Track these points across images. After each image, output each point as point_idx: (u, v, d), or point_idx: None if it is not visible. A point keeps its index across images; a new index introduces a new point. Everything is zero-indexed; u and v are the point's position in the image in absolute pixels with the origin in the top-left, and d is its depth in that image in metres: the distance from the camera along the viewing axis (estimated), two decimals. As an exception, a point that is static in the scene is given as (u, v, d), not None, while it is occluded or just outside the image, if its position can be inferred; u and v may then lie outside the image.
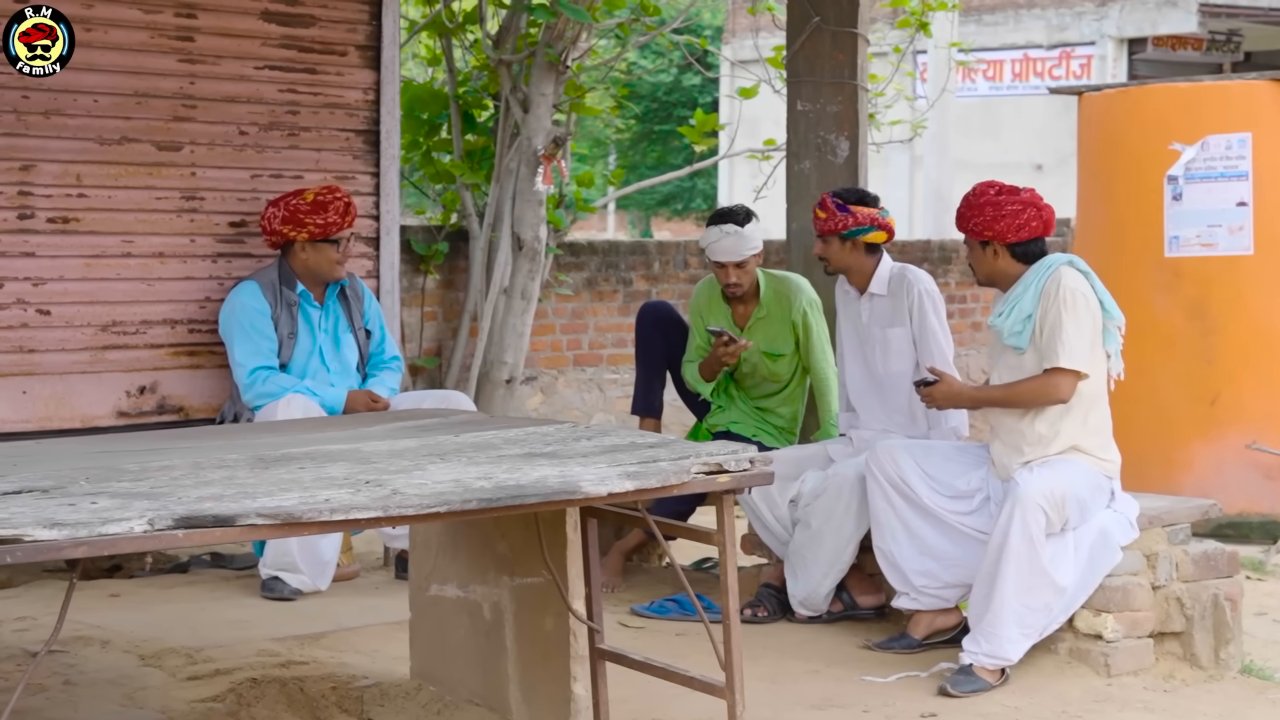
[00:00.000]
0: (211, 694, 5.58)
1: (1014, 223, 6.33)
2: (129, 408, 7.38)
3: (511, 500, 4.26)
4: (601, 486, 4.40)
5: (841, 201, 7.07)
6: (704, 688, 4.97)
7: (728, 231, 7.42)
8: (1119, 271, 10.29)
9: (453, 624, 5.61)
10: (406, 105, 10.63)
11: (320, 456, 4.77)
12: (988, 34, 24.54)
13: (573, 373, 11.47)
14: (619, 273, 11.61)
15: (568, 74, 10.31)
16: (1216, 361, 10.10)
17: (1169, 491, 9.55)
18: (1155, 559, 6.50)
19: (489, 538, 5.40)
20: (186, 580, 7.50)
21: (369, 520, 4.09)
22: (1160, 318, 10.13)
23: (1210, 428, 10.08)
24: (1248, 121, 10.12)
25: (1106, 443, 6.43)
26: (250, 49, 7.68)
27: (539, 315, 11.04)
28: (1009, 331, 6.32)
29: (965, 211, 6.44)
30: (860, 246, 7.08)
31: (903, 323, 7.12)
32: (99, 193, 7.31)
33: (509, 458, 4.75)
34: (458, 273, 10.59)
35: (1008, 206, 6.36)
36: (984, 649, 6.13)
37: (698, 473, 4.63)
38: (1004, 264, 6.40)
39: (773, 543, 7.17)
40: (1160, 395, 10.12)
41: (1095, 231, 10.66)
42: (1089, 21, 23.73)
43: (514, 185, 10.11)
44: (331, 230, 7.31)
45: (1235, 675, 6.52)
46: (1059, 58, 24.22)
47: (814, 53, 8.17)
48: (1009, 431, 6.36)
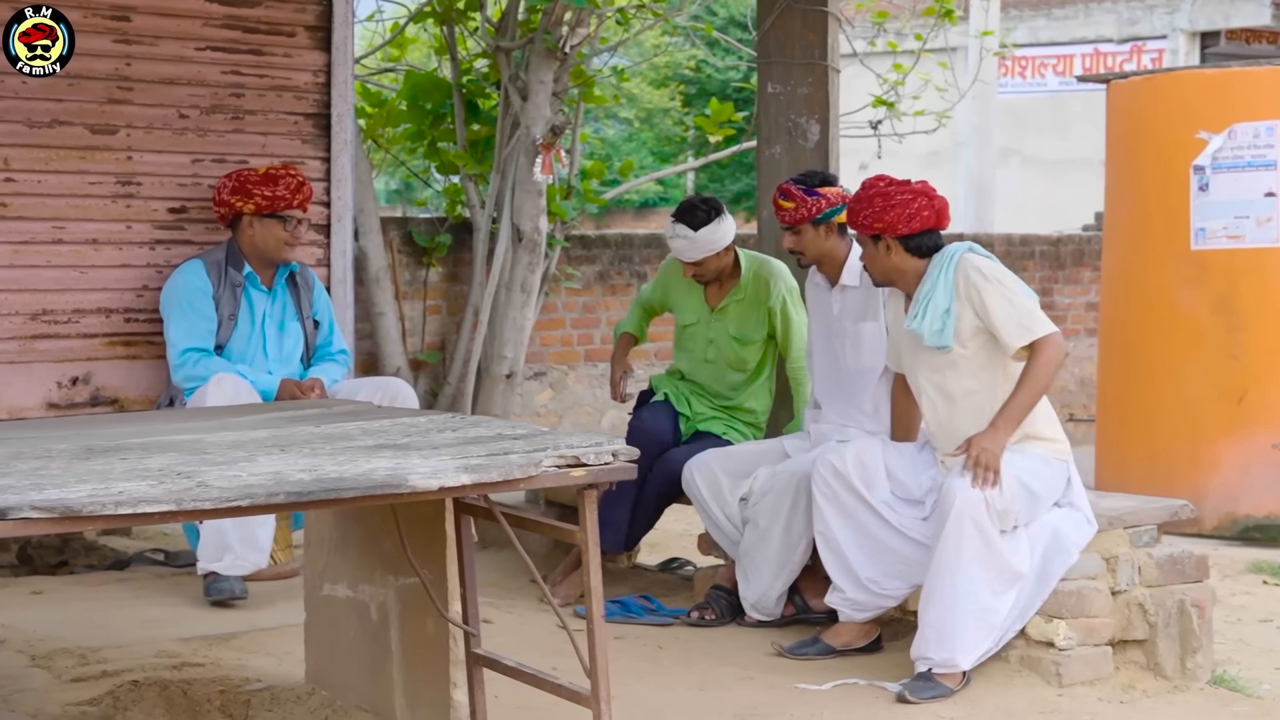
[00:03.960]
0: (89, 697, 5.36)
1: (904, 213, 6.00)
2: (60, 399, 7.17)
3: (326, 494, 4.00)
4: (433, 480, 4.14)
5: (808, 186, 6.76)
6: (571, 696, 4.68)
7: (679, 234, 7.10)
8: (1145, 265, 10.02)
9: (343, 625, 5.37)
10: (410, 94, 10.46)
11: (154, 447, 4.53)
12: (1057, 28, 24.15)
13: (583, 368, 11.22)
14: (632, 266, 11.34)
15: (570, 62, 10.06)
16: (1244, 358, 9.79)
17: (1194, 492, 9.27)
18: (1115, 562, 6.16)
19: (376, 535, 5.15)
20: (119, 578, 7.29)
21: (162, 515, 3.83)
22: (1186, 313, 9.86)
23: (1237, 426, 9.77)
24: (1276, 109, 9.82)
25: (1055, 424, 6.08)
26: (191, 29, 7.45)
27: (548, 309, 10.82)
28: (929, 332, 5.95)
29: (854, 206, 6.13)
30: (834, 229, 6.77)
31: (875, 317, 6.79)
32: (27, 177, 7.11)
33: (353, 449, 4.50)
34: (462, 265, 10.39)
35: (897, 197, 6.03)
36: (938, 654, 5.80)
37: (551, 466, 4.35)
38: (897, 259, 6.06)
39: (724, 543, 6.88)
40: (1186, 392, 9.85)
41: (1122, 224, 10.37)
42: (1160, 15, 23.25)
43: (514, 175, 9.89)
44: (279, 205, 7.08)
45: (1203, 686, 6.17)
46: (1130, 52, 23.74)
47: (784, 33, 7.86)
48: (953, 437, 5.98)
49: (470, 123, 10.30)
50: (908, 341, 6.10)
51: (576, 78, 10.29)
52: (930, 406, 6.08)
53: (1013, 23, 23.95)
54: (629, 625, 6.73)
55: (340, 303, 7.76)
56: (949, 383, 6.00)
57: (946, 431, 6.03)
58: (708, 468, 6.85)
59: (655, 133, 28.88)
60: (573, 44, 10.00)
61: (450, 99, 10.33)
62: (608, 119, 27.87)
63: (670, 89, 27.97)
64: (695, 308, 7.35)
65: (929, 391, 6.07)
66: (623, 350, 7.67)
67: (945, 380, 6.00)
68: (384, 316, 9.86)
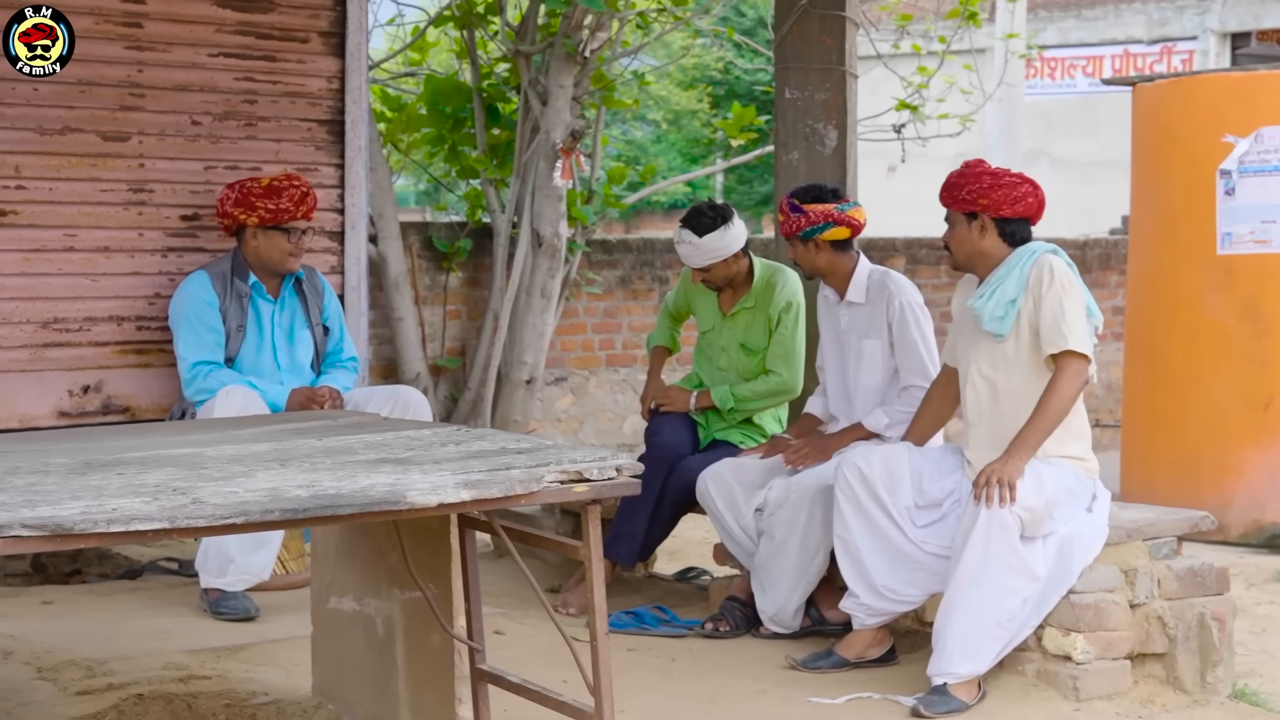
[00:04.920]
0: (94, 710, 5.30)
1: (1010, 195, 5.96)
2: (71, 408, 7.13)
3: (322, 511, 3.94)
4: (432, 496, 4.06)
5: (796, 202, 6.74)
6: (575, 713, 4.61)
7: (684, 239, 7.04)
8: (1170, 270, 9.94)
9: (349, 639, 5.30)
10: (430, 98, 10.41)
11: (152, 461, 4.47)
12: (1087, 29, 24.02)
13: (605, 373, 11.16)
14: (654, 270, 11.27)
15: (591, 66, 10.00)
16: (1270, 364, 9.71)
17: (1221, 499, 9.20)
18: (1134, 574, 6.07)
19: (382, 548, 5.09)
20: (131, 588, 7.24)
21: (155, 532, 3.77)
22: (1212, 318, 9.77)
23: (1264, 434, 9.68)
24: (1304, 112, 9.67)
25: (1087, 448, 6.02)
26: (203, 35, 7.40)
27: (569, 314, 10.76)
28: (990, 316, 5.90)
29: (958, 181, 6.04)
30: (825, 246, 6.74)
31: (879, 334, 6.74)
32: (39, 184, 7.05)
33: (354, 464, 4.43)
34: (483, 270, 10.34)
35: (1005, 178, 6.01)
36: (949, 667, 5.72)
37: (552, 482, 4.28)
38: (989, 243, 5.99)
39: (739, 554, 6.80)
40: (1212, 399, 9.76)
41: (1148, 229, 10.29)
42: (1191, 16, 23.12)
43: (534, 180, 9.84)
44: (283, 217, 7.02)
45: (1223, 700, 6.07)
46: (1160, 53, 23.61)
47: (801, 38, 7.78)
48: (988, 436, 5.93)
49: (491, 127, 10.25)
50: (967, 323, 6.05)
51: (597, 82, 10.23)
52: (974, 396, 6.02)
53: (1042, 24, 23.83)
54: (642, 637, 6.66)
55: (354, 310, 7.70)
56: (998, 375, 5.95)
57: (985, 425, 5.97)
58: (722, 479, 6.78)
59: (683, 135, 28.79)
60: (593, 48, 9.95)
61: (471, 103, 10.28)
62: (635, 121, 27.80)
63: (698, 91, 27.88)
64: (710, 314, 7.29)
65: (975, 380, 6.01)
66: (658, 365, 7.56)
67: (994, 372, 5.96)
68: (403, 322, 9.81)
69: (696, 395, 7.18)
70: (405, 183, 26.69)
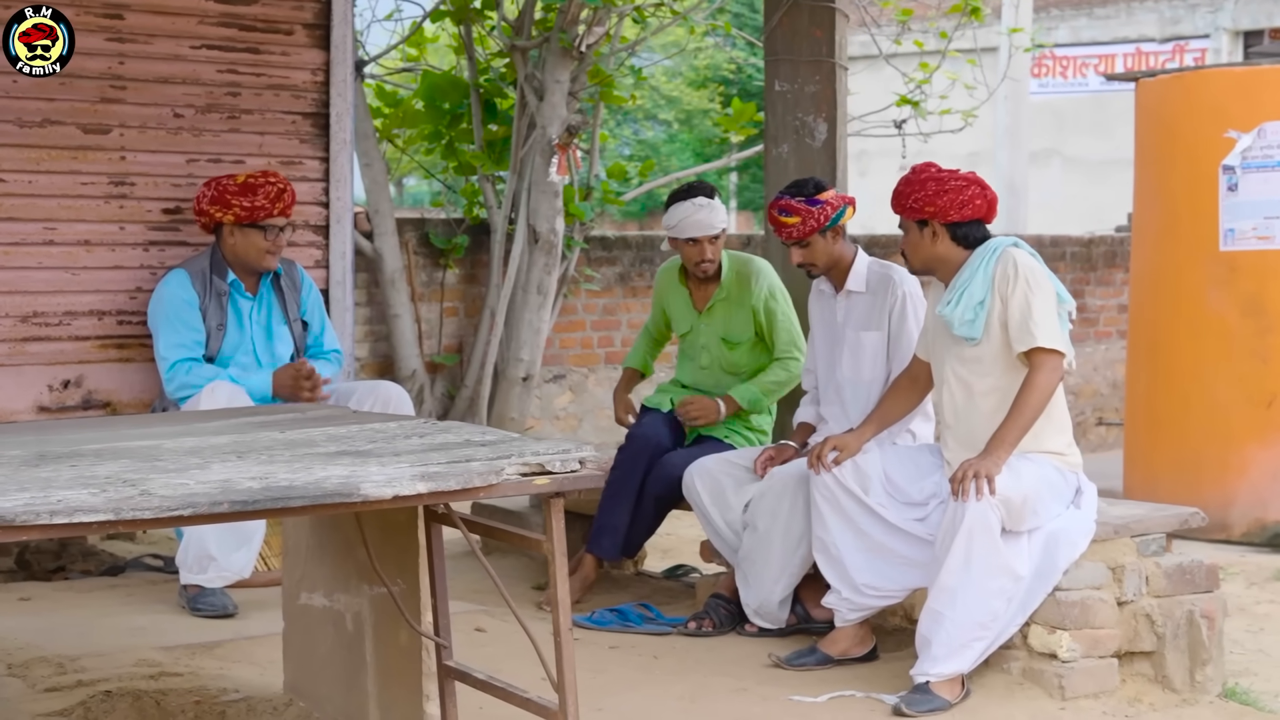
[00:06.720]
0: (61, 708, 5.25)
1: (956, 199, 5.86)
2: (51, 402, 7.08)
3: (273, 503, 3.86)
4: (387, 489, 3.98)
5: (807, 196, 6.62)
6: (539, 709, 4.53)
7: (700, 205, 6.97)
8: (1173, 266, 9.85)
9: (320, 635, 5.24)
10: (427, 94, 10.36)
11: (108, 454, 4.40)
12: (1099, 27, 23.91)
13: (604, 370, 11.09)
14: (653, 267, 11.20)
15: (588, 61, 9.93)
16: (1273, 361, 9.61)
17: (1223, 497, 9.11)
18: (1121, 572, 5.98)
19: (351, 543, 5.01)
20: (111, 584, 7.19)
21: (100, 524, 3.70)
22: (1215, 315, 9.68)
23: (1267, 431, 9.59)
24: (1307, 107, 9.58)
25: (1069, 442, 5.93)
26: (186, 27, 7.34)
27: (568, 311, 10.70)
28: (960, 321, 5.81)
29: (904, 189, 5.95)
30: (841, 233, 6.67)
31: (880, 326, 6.64)
32: (18, 177, 7.01)
33: (312, 456, 4.36)
34: (480, 266, 10.29)
35: (951, 183, 5.90)
36: (932, 667, 5.65)
37: (513, 474, 4.20)
38: (943, 248, 5.91)
39: (725, 550, 6.73)
40: (1214, 396, 9.68)
41: (1150, 225, 10.21)
42: (1203, 14, 22.99)
43: (530, 176, 9.78)
44: (259, 215, 6.95)
45: (1213, 699, 5.98)
46: (1172, 51, 23.48)
47: (791, 29, 7.68)
48: (966, 436, 5.86)
49: (488, 123, 10.20)
50: (938, 328, 5.96)
51: (594, 77, 10.16)
52: (950, 397, 5.94)
53: (1054, 22, 23.73)
54: (625, 635, 6.59)
55: (339, 304, 7.64)
56: (972, 376, 5.87)
57: (962, 425, 5.90)
58: (709, 473, 6.71)
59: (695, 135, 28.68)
60: (589, 43, 9.88)
61: (468, 99, 10.22)
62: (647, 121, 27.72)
63: (710, 90, 27.77)
64: (686, 315, 7.23)
65: (951, 382, 5.93)
66: (624, 387, 7.50)
67: (969, 373, 5.87)
68: (400, 318, 9.76)
69: (723, 402, 7.10)
70: (419, 184, 26.64)
